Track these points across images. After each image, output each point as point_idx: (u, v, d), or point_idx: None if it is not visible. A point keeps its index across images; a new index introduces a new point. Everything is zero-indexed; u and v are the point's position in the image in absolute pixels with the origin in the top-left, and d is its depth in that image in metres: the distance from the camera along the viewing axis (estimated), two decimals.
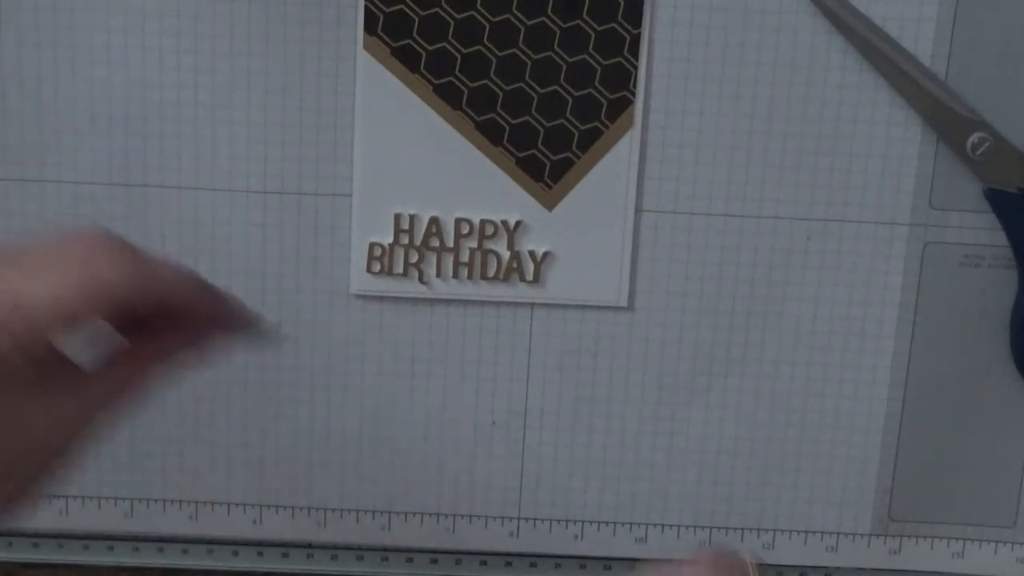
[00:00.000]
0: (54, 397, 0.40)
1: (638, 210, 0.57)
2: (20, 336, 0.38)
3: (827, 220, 0.57)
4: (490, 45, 0.55)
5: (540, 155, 0.56)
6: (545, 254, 0.57)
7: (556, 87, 0.56)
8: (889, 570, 0.61)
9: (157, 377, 0.43)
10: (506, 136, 0.56)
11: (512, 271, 0.58)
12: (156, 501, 0.60)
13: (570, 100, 0.56)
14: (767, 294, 0.58)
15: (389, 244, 0.57)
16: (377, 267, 0.57)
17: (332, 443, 0.60)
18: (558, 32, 0.55)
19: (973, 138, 0.56)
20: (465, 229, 0.57)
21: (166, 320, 0.42)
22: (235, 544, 0.61)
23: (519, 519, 0.61)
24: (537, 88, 0.56)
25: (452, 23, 0.55)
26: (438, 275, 0.58)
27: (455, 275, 0.58)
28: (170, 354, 0.43)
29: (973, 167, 0.56)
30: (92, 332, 0.41)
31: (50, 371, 0.40)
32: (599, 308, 0.58)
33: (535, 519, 0.61)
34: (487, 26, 0.55)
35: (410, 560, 0.61)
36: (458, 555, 0.61)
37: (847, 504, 0.60)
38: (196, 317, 0.43)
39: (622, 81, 0.56)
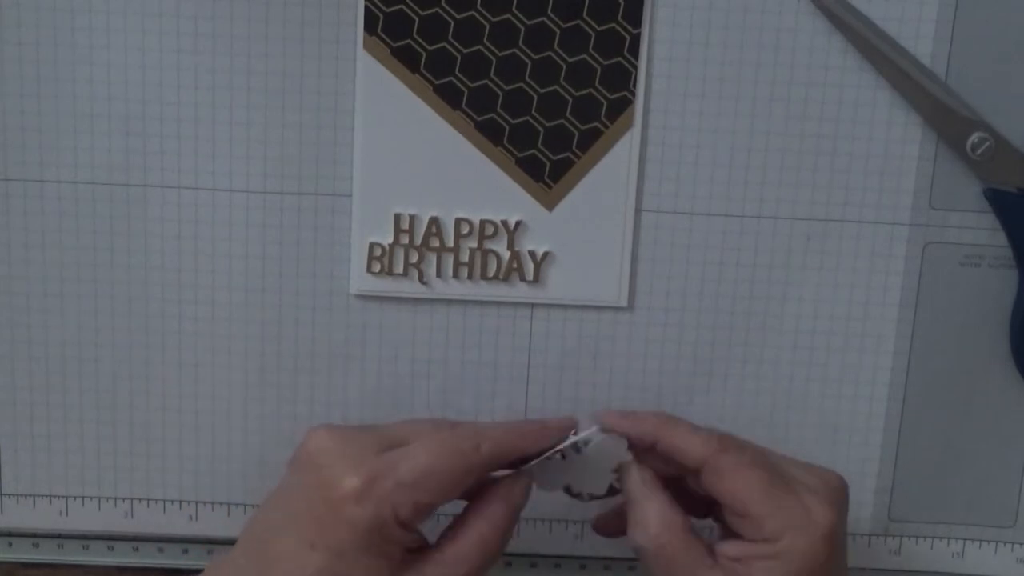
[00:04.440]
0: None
1: (638, 210, 0.57)
2: (401, 508, 0.46)
3: (827, 220, 0.57)
4: (490, 45, 0.55)
5: (540, 155, 0.56)
6: (545, 254, 0.57)
7: (556, 87, 0.56)
8: (889, 570, 0.61)
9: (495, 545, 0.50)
10: (506, 136, 0.56)
11: (512, 271, 0.58)
12: (156, 501, 0.60)
13: (570, 100, 0.56)
14: (767, 294, 0.58)
15: (389, 244, 0.57)
16: (377, 267, 0.57)
17: None
18: (558, 32, 0.55)
19: (973, 138, 0.56)
20: (465, 229, 0.57)
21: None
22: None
23: (519, 519, 0.61)
24: (537, 88, 0.56)
25: (452, 23, 0.55)
26: (438, 275, 0.58)
27: (455, 275, 0.58)
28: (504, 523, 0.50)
29: (973, 167, 0.56)
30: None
31: (409, 547, 0.48)
32: (599, 308, 0.58)
33: (535, 519, 0.61)
34: (487, 26, 0.55)
35: None
36: None
37: None
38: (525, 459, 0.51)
39: (622, 81, 0.56)
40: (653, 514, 0.50)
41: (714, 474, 0.49)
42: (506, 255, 0.57)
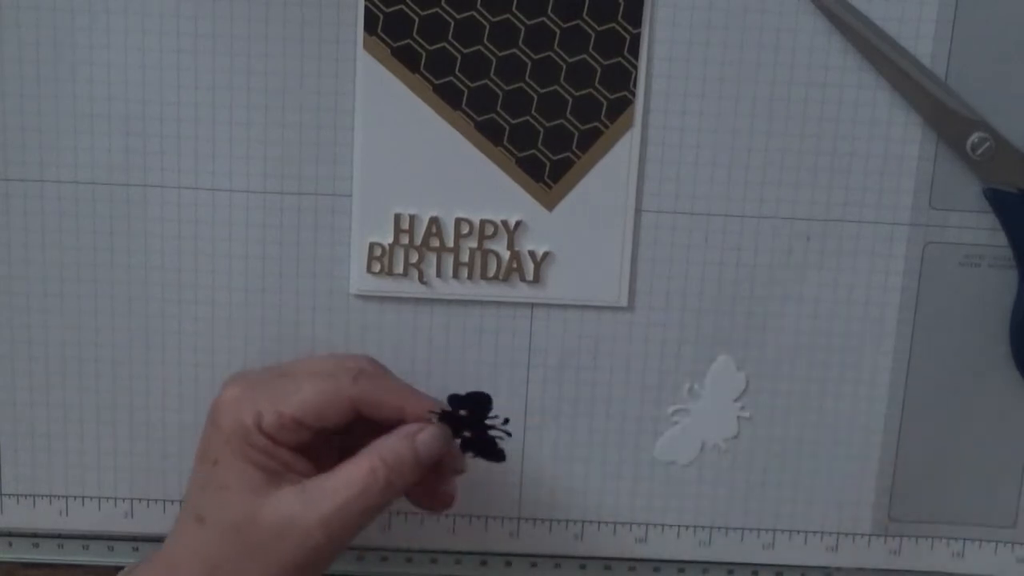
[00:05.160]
0: (281, 495, 0.49)
1: (638, 210, 0.57)
2: (265, 415, 0.49)
3: (827, 220, 0.57)
4: (490, 45, 0.55)
5: (540, 155, 0.56)
6: (545, 254, 0.57)
7: (556, 87, 0.56)
8: (889, 570, 0.61)
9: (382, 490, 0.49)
10: (506, 136, 0.56)
11: (512, 271, 0.58)
12: (156, 501, 0.60)
13: (570, 100, 0.56)
14: (767, 294, 0.58)
15: (389, 244, 0.57)
16: (377, 267, 0.57)
17: None
18: (558, 32, 0.55)
19: (973, 138, 0.56)
20: (465, 229, 0.57)
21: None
22: None
23: (519, 519, 0.61)
24: (537, 88, 0.56)
25: (452, 23, 0.55)
26: (438, 275, 0.58)
27: (455, 275, 0.58)
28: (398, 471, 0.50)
29: (973, 167, 0.56)
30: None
31: (285, 465, 0.49)
32: (599, 308, 0.58)
33: (535, 519, 0.61)
34: (487, 26, 0.55)
35: (409, 560, 0.61)
36: (458, 555, 0.62)
37: (847, 504, 0.60)
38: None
39: (622, 81, 0.56)
40: None
41: None
42: (506, 255, 0.57)
